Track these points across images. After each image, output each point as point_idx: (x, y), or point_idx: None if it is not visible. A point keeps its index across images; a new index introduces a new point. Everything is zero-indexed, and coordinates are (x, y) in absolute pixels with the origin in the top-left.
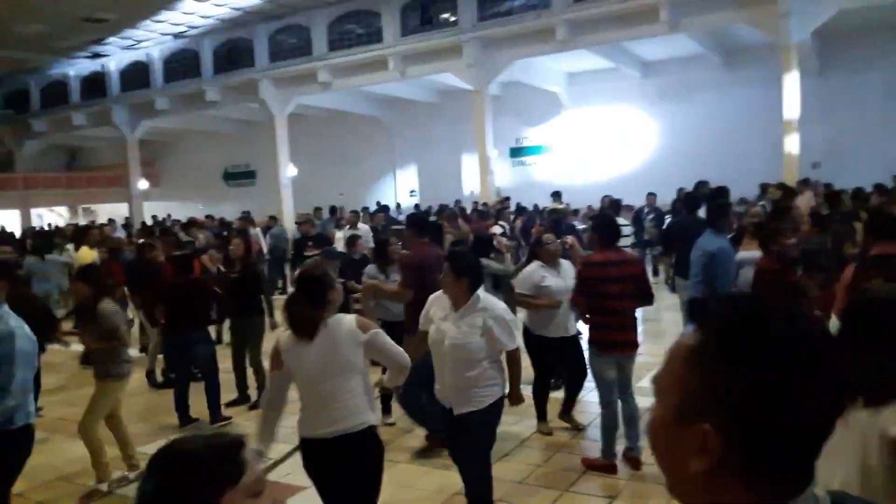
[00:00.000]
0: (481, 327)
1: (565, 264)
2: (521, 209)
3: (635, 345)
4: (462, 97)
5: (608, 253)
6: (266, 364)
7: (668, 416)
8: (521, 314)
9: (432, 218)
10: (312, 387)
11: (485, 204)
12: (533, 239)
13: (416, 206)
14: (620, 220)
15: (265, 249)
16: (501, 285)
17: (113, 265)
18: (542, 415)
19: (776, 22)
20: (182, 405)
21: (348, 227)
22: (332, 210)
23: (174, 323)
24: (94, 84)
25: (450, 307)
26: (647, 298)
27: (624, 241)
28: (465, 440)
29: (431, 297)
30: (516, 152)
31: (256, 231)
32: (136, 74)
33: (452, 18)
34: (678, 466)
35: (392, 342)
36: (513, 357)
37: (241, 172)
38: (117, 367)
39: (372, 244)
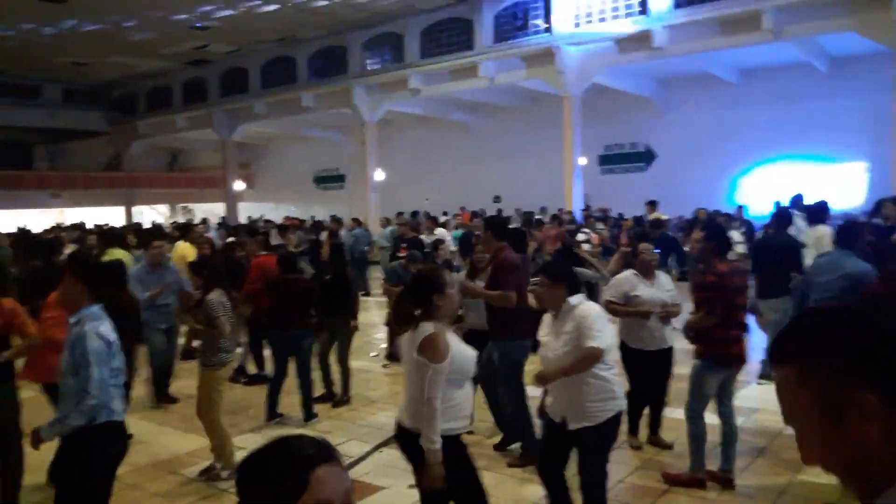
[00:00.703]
0: (570, 332)
1: (662, 276)
2: (603, 217)
3: (745, 359)
4: (551, 103)
5: (726, 264)
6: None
7: (818, 410)
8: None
9: (515, 224)
10: (404, 374)
11: (569, 212)
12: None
13: (499, 211)
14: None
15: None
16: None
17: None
18: (633, 428)
19: (888, 28)
20: (274, 400)
21: (428, 232)
22: (414, 214)
23: (279, 319)
24: (196, 89)
25: (552, 320)
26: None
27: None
28: (581, 455)
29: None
30: (606, 160)
31: (345, 233)
32: (236, 80)
33: (545, 25)
34: (854, 445)
35: (434, 381)
36: (585, 353)
37: (331, 176)
38: (215, 356)
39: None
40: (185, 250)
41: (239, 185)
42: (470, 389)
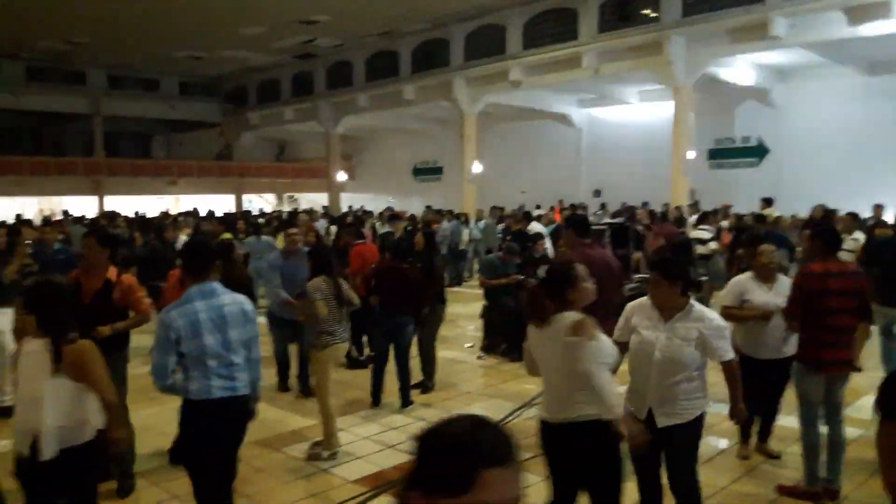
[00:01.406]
0: (696, 339)
1: (784, 280)
2: (705, 214)
3: (848, 364)
4: (658, 95)
5: (829, 264)
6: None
7: None
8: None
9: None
10: (543, 372)
11: (677, 207)
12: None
13: (602, 205)
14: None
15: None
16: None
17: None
18: (744, 436)
19: None
20: (379, 385)
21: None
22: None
23: (386, 305)
24: (303, 82)
25: (657, 316)
26: (865, 316)
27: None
28: (669, 453)
29: (631, 305)
30: (716, 154)
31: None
32: (341, 73)
33: (653, 14)
34: None
35: (595, 357)
36: (730, 368)
37: (429, 168)
38: (319, 339)
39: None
40: None
41: (341, 176)
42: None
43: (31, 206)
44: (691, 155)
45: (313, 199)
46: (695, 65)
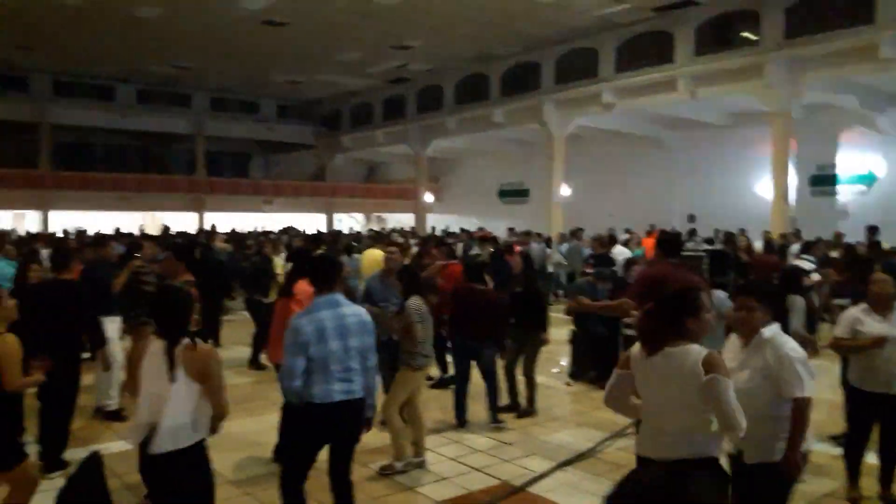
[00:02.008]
0: (762, 368)
1: None
2: (808, 244)
3: None
4: (754, 119)
5: None
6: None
7: None
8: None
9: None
10: (646, 404)
11: (782, 235)
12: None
13: (692, 230)
14: None
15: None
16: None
17: None
18: (852, 477)
19: None
20: (461, 406)
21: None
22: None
23: (460, 327)
24: (395, 106)
25: (739, 347)
26: None
27: None
28: (756, 492)
29: (727, 341)
30: (818, 181)
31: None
32: (431, 97)
33: (754, 37)
34: None
35: (732, 395)
36: (798, 406)
37: (514, 190)
38: (412, 359)
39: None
40: (375, 256)
41: (428, 198)
42: None
43: (127, 220)
44: (792, 181)
45: (400, 220)
46: (796, 88)
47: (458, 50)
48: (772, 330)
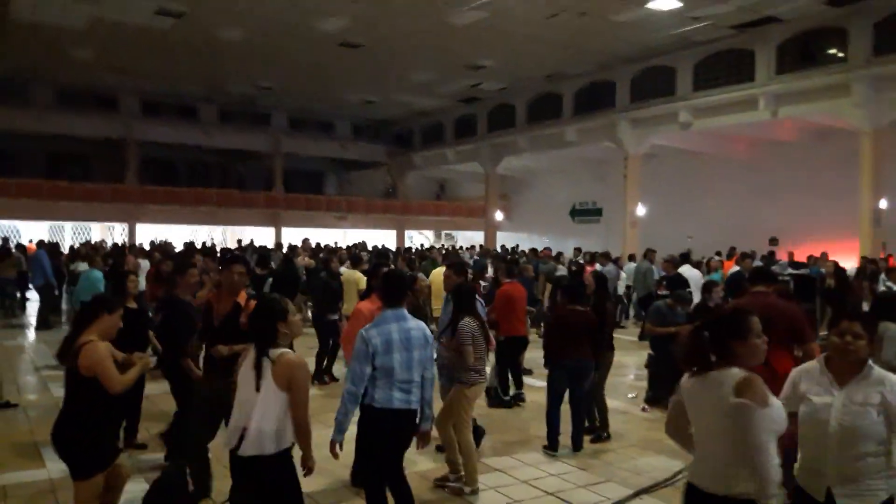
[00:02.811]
0: (878, 404)
1: None
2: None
3: None
4: (839, 137)
5: None
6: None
7: None
8: None
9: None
10: (696, 430)
11: (874, 261)
12: None
13: (771, 253)
14: None
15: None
16: None
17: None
18: None
19: None
20: (554, 428)
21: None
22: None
23: (558, 349)
24: (466, 125)
25: (829, 381)
26: None
27: None
28: None
29: (797, 370)
30: None
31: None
32: (502, 116)
33: (840, 54)
34: None
35: (764, 432)
36: None
37: (587, 209)
38: (464, 375)
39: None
40: (438, 274)
41: (498, 216)
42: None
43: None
44: (882, 204)
45: (470, 237)
46: (885, 106)
47: (531, 69)
48: (875, 365)
